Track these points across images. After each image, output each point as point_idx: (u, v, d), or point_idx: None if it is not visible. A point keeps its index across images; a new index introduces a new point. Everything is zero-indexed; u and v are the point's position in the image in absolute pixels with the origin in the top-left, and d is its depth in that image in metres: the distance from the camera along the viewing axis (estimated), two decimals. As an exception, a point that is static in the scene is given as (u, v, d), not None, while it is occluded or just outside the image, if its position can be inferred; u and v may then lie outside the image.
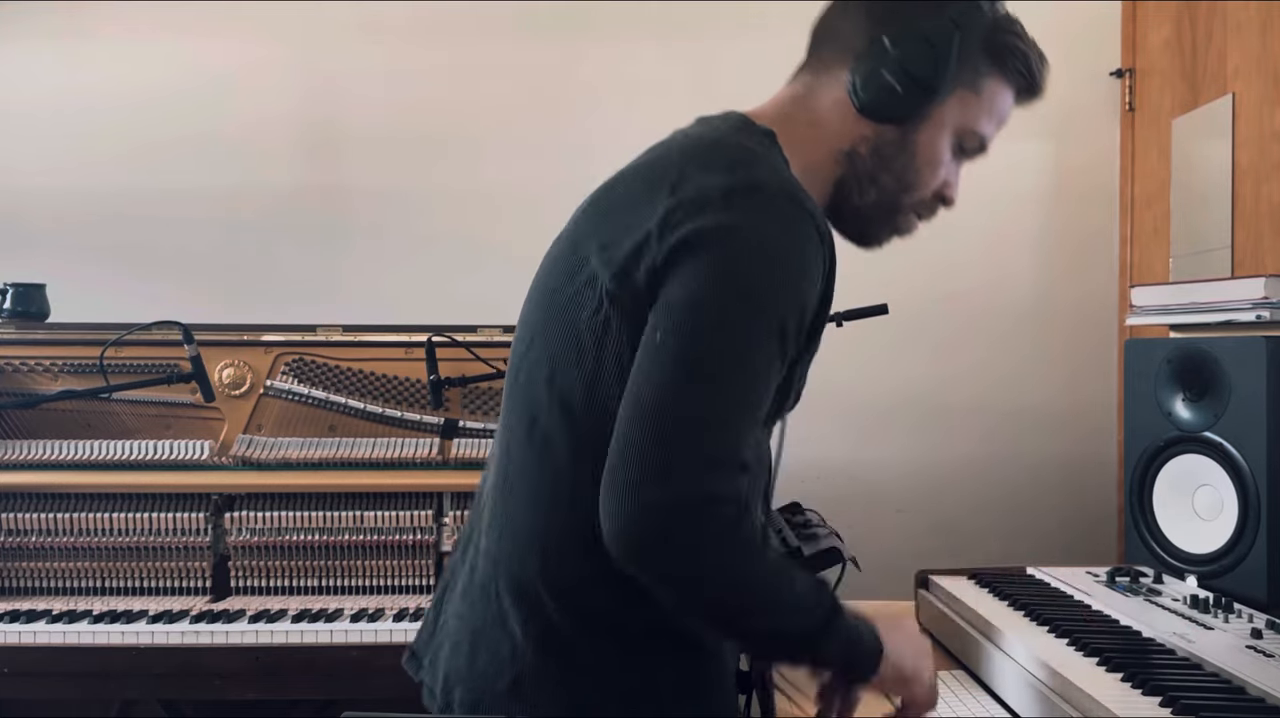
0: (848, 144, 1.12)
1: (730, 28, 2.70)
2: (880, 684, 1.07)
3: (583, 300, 1.03)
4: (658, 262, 0.98)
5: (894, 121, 1.10)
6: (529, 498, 1.06)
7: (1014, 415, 2.76)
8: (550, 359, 1.06)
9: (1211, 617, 1.49)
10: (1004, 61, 1.12)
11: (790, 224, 0.98)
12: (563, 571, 1.03)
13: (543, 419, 1.05)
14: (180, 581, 2.06)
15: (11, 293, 2.26)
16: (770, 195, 0.99)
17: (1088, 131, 2.73)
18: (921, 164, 1.12)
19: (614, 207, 1.07)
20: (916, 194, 1.14)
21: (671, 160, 1.06)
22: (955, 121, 1.12)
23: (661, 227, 0.98)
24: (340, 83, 2.73)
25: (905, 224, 1.17)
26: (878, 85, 1.08)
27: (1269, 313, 1.72)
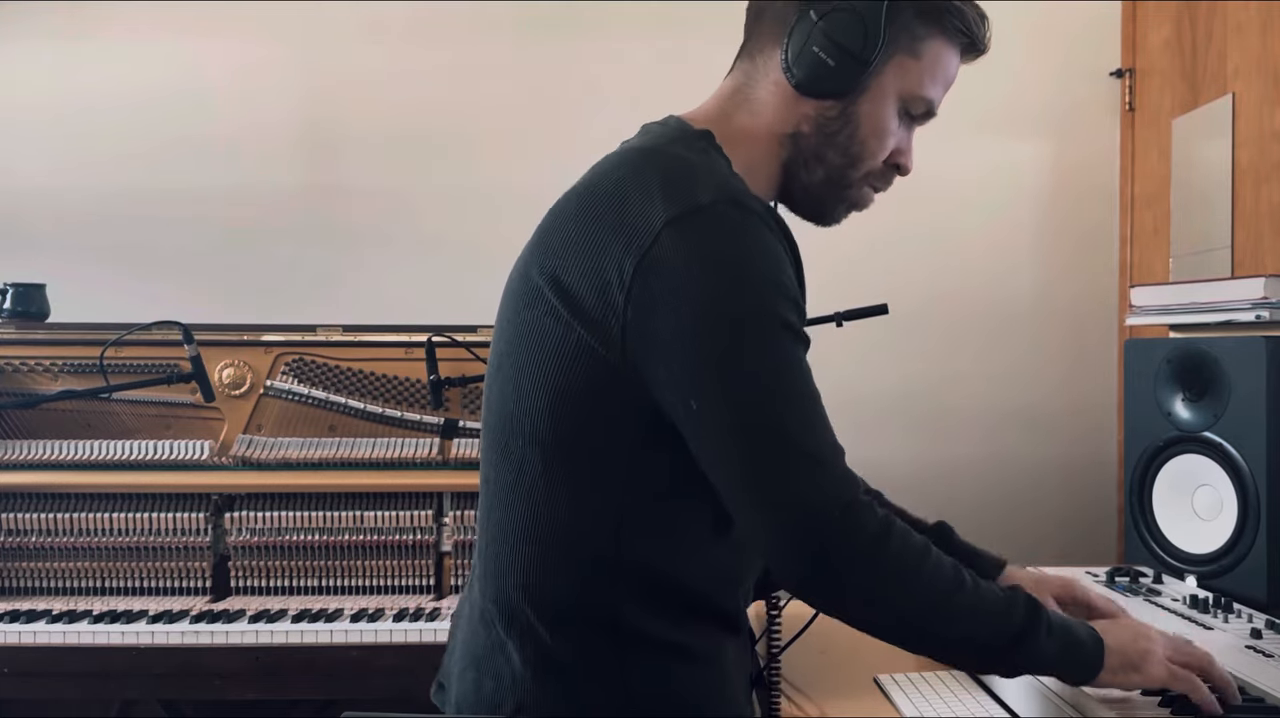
0: (790, 126, 1.11)
1: (731, 28, 2.69)
2: (1112, 679, 1.06)
3: (545, 330, 1.02)
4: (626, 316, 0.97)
5: (832, 96, 1.08)
6: (509, 525, 1.06)
7: (1014, 415, 2.76)
8: (517, 385, 1.05)
9: (1211, 617, 1.50)
10: (940, 21, 1.09)
11: (742, 231, 0.98)
12: (548, 596, 1.03)
13: (515, 446, 1.05)
14: (180, 581, 2.06)
15: (11, 293, 2.26)
16: (709, 212, 0.98)
17: (1088, 131, 2.73)
18: (867, 135, 1.10)
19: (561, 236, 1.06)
20: (866, 166, 1.13)
21: (608, 186, 1.04)
22: (897, 88, 1.10)
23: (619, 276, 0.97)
24: (340, 83, 2.73)
25: (860, 198, 1.16)
26: (809, 61, 1.07)
27: (1269, 313, 1.72)
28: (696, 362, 0.96)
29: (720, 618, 1.08)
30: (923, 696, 1.35)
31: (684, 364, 0.96)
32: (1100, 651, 1.05)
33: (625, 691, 1.03)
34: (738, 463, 0.96)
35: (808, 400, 0.98)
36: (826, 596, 0.99)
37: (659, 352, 0.97)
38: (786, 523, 0.95)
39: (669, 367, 0.97)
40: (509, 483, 1.06)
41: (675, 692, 1.04)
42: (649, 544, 1.03)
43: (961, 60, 1.14)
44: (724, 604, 1.08)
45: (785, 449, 0.95)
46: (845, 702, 1.36)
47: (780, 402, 0.96)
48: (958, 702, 1.33)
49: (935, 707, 1.31)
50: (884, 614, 0.99)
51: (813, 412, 0.98)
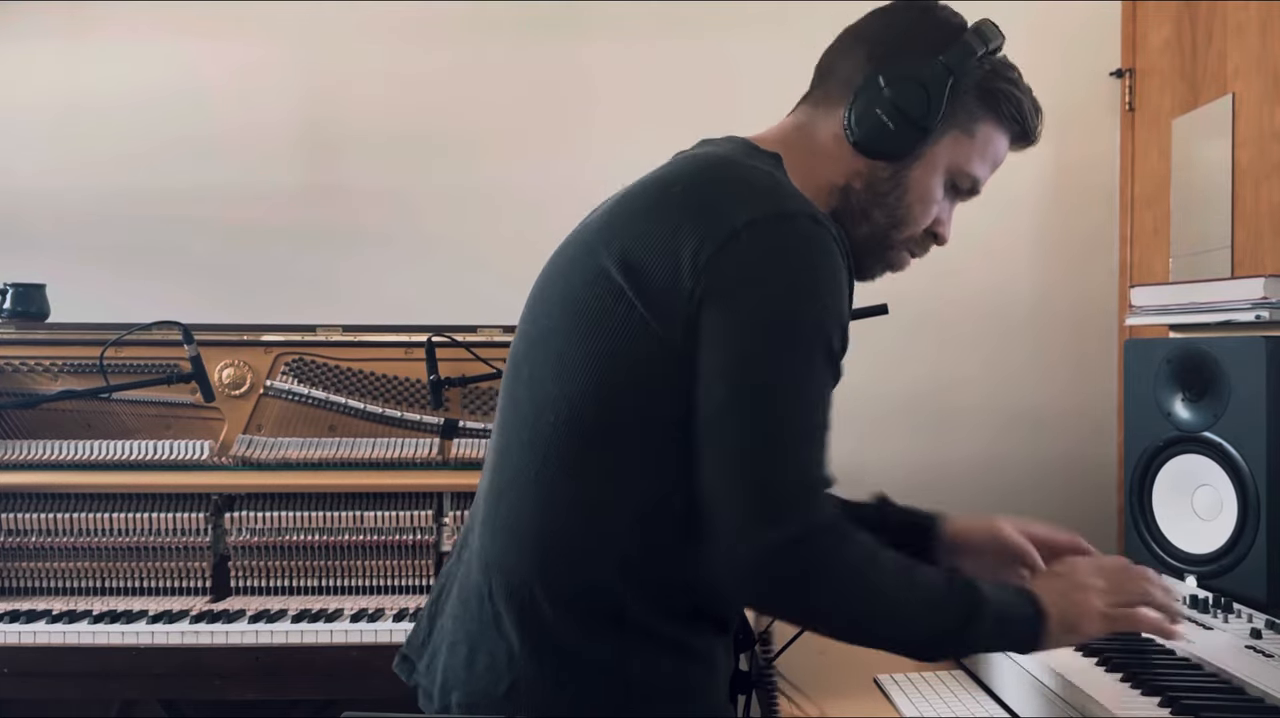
0: (842, 179, 1.15)
1: (731, 27, 2.70)
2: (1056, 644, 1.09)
3: (605, 310, 1.04)
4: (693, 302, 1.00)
5: (887, 158, 1.13)
6: (528, 502, 1.06)
7: (1013, 415, 2.76)
8: (562, 363, 1.06)
9: (1211, 617, 1.50)
10: (997, 107, 1.15)
11: (817, 247, 1.02)
12: (562, 577, 1.04)
13: (548, 422, 1.05)
14: (180, 581, 2.06)
15: (11, 293, 2.26)
16: (794, 222, 1.02)
17: (1088, 131, 2.73)
18: (913, 201, 1.15)
19: (632, 219, 1.08)
20: (908, 230, 1.17)
21: (689, 181, 1.08)
22: (948, 162, 1.15)
23: (694, 261, 1.00)
24: (340, 83, 2.73)
25: (897, 259, 1.21)
26: (871, 122, 1.11)
27: (1269, 313, 1.72)
28: (742, 354, 0.99)
29: (716, 619, 1.10)
30: (922, 696, 1.35)
31: (731, 353, 0.99)
32: (1040, 622, 1.07)
33: (623, 680, 1.04)
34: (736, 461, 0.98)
35: (818, 428, 1.00)
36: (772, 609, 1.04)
37: (712, 338, 0.99)
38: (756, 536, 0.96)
39: (719, 351, 0.99)
40: (535, 463, 1.06)
41: (671, 686, 1.06)
42: (665, 540, 1.04)
43: (1011, 147, 1.19)
44: (721, 606, 1.10)
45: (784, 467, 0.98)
46: (845, 702, 1.36)
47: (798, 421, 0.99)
48: (957, 702, 1.33)
49: (935, 707, 1.31)
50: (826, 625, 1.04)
51: (819, 437, 1.00)
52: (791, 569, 0.97)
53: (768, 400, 0.98)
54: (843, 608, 1.01)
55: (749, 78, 2.58)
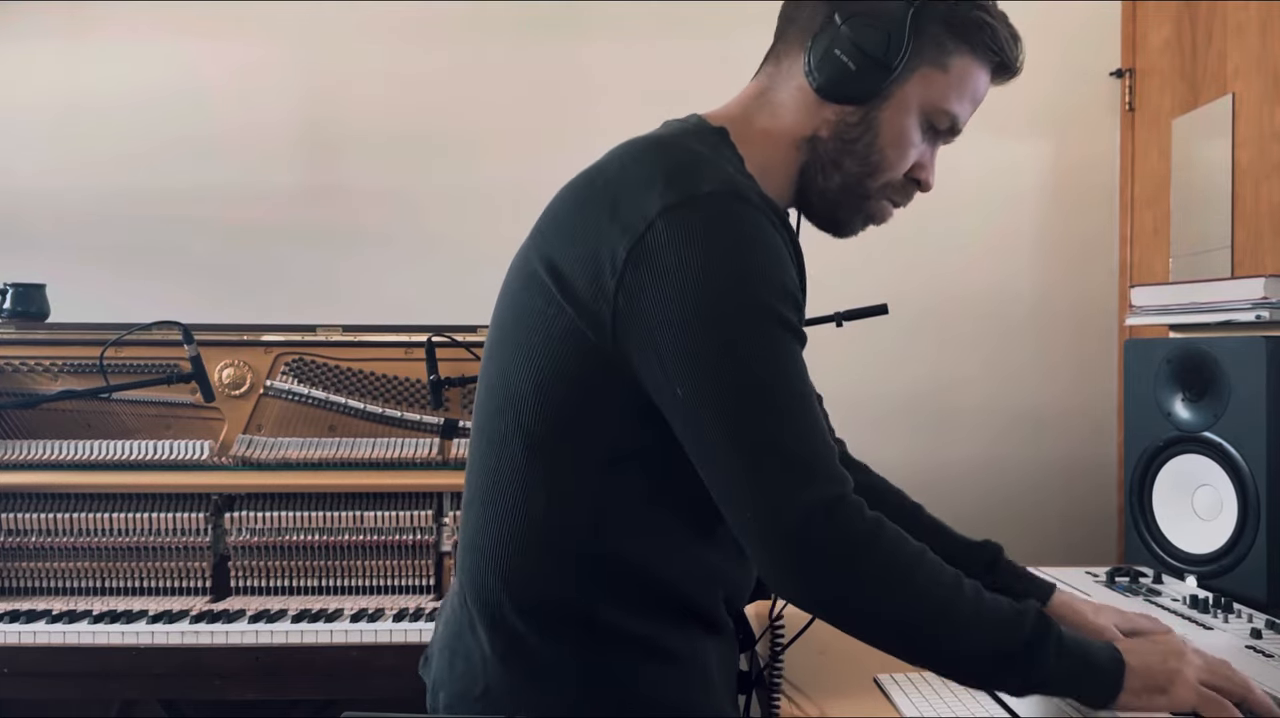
0: (809, 130, 1.10)
1: (733, 26, 2.69)
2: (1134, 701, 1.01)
3: (537, 312, 1.02)
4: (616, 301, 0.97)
5: (853, 101, 1.08)
6: (489, 506, 1.06)
7: (1014, 415, 2.76)
8: (504, 370, 1.06)
9: (1211, 617, 1.50)
10: (970, 37, 1.08)
11: (741, 222, 0.97)
12: (524, 580, 1.03)
13: (501, 432, 1.05)
14: (180, 581, 2.06)
15: (11, 293, 2.26)
16: (707, 202, 0.97)
17: (1088, 131, 2.73)
18: (886, 144, 1.09)
19: (560, 221, 1.06)
20: (884, 176, 1.11)
21: (611, 173, 1.04)
22: (921, 100, 1.09)
23: (612, 260, 0.97)
24: (340, 83, 2.73)
25: (877, 210, 1.14)
26: (832, 65, 1.06)
27: (1269, 313, 1.72)
28: (685, 349, 0.94)
29: (699, 618, 1.07)
30: (923, 696, 1.35)
31: (673, 351, 0.95)
32: (1120, 671, 1.01)
33: (597, 685, 1.02)
34: (722, 459, 0.95)
35: (797, 398, 0.95)
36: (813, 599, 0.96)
37: (649, 338, 0.96)
38: (769, 524, 0.92)
39: (658, 353, 0.95)
40: (493, 469, 1.05)
41: (649, 690, 1.03)
42: (629, 540, 1.02)
43: (992, 81, 1.14)
44: (703, 604, 1.07)
45: (771, 447, 0.93)
46: (845, 702, 1.36)
47: (768, 397, 0.94)
48: (958, 702, 1.33)
49: (935, 707, 1.31)
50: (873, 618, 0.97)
51: (802, 409, 0.95)
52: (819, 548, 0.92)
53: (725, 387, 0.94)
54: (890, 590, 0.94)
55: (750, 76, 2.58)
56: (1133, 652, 1.03)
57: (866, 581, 0.95)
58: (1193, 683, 1.03)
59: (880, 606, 0.96)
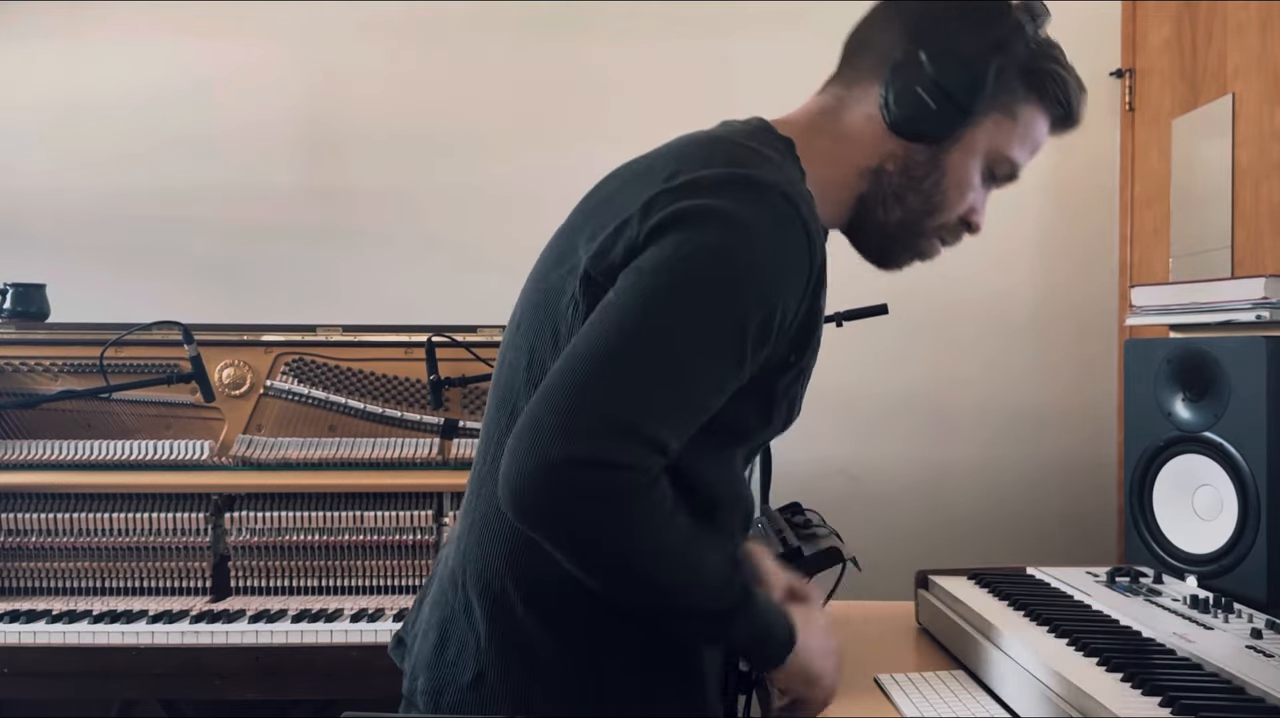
0: (875, 160, 1.09)
1: (735, 26, 2.70)
2: (783, 678, 1.04)
3: (564, 287, 1.01)
4: (637, 240, 0.95)
5: (925, 140, 1.07)
6: None
7: (1014, 415, 2.76)
8: (530, 346, 1.04)
9: (1211, 617, 1.49)
10: (1043, 88, 1.10)
11: (778, 222, 0.95)
12: (532, 567, 1.00)
13: (520, 407, 1.02)
14: (180, 581, 2.06)
15: (11, 293, 2.26)
16: (764, 190, 0.95)
17: (1088, 131, 2.69)
18: (950, 186, 1.10)
19: (608, 196, 1.05)
20: (943, 217, 1.12)
21: (672, 154, 1.03)
22: (988, 146, 1.10)
23: (645, 208, 0.96)
24: (340, 83, 2.74)
25: (928, 247, 1.15)
26: (911, 101, 1.05)
27: (1269, 313, 1.72)
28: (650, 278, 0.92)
29: None
30: (923, 696, 1.35)
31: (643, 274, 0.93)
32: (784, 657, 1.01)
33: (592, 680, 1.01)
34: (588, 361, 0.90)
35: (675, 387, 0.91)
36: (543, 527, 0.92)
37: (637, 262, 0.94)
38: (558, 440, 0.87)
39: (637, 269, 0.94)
40: None
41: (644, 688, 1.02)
42: None
43: (1051, 131, 1.14)
44: None
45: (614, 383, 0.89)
46: (845, 702, 1.36)
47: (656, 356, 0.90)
48: (958, 702, 1.33)
49: (935, 707, 1.31)
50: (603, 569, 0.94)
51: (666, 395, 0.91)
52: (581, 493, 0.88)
53: (645, 327, 0.90)
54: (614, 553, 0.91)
55: (755, 77, 2.58)
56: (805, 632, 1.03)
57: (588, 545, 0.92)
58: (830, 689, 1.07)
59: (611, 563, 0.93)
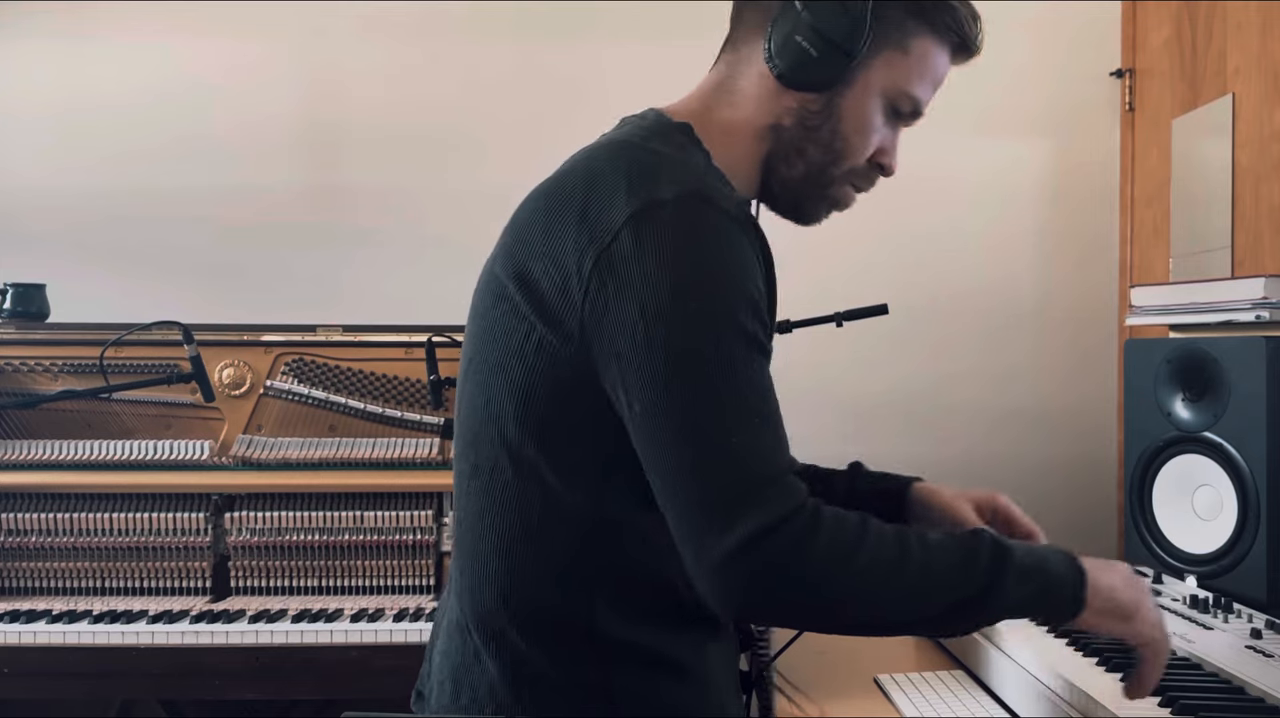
0: (771, 118, 1.08)
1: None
2: (1095, 620, 0.98)
3: (509, 327, 1.01)
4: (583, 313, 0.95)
5: (815, 88, 1.05)
6: (483, 532, 1.03)
7: (1014, 415, 2.76)
8: (486, 389, 1.04)
9: (1211, 617, 1.50)
10: (930, 18, 1.06)
11: (706, 229, 0.94)
12: (524, 604, 1.01)
13: (485, 451, 1.03)
14: (180, 581, 2.06)
15: (11, 293, 2.26)
16: (672, 207, 0.94)
17: (1088, 131, 2.73)
18: (849, 131, 1.07)
19: (528, 231, 1.03)
20: (848, 163, 1.09)
21: (577, 180, 1.02)
22: (884, 84, 1.07)
23: (579, 271, 0.95)
24: (340, 83, 2.73)
25: (841, 196, 1.12)
26: (793, 51, 1.03)
27: (1269, 313, 1.72)
28: (642, 363, 0.91)
29: (700, 621, 1.05)
30: (923, 696, 1.35)
31: (630, 364, 0.92)
32: (1082, 588, 0.98)
33: (606, 698, 1.01)
34: (670, 475, 0.92)
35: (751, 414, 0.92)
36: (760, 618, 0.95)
37: (611, 350, 0.93)
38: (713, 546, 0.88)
39: (619, 366, 0.93)
40: (481, 490, 1.04)
41: (658, 700, 1.02)
42: (627, 547, 1.01)
43: (952, 61, 1.11)
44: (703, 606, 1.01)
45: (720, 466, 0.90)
46: (845, 702, 1.36)
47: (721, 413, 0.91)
48: (958, 702, 1.33)
49: (935, 707, 1.31)
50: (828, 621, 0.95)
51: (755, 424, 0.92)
52: (760, 570, 0.88)
53: (683, 403, 0.90)
54: (835, 595, 0.91)
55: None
56: (1096, 569, 0.99)
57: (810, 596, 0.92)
58: (1154, 619, 1.01)
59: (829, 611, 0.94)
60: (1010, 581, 0.94)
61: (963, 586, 0.94)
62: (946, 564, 0.94)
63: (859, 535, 0.93)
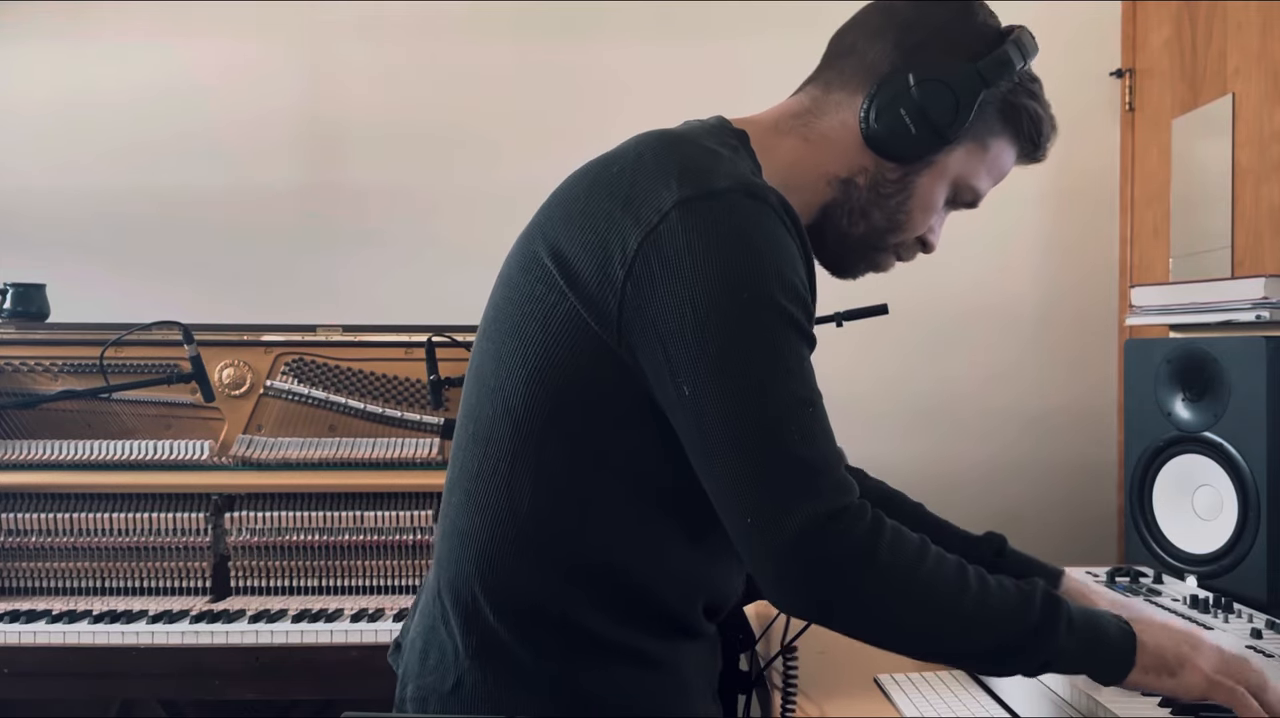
0: (846, 171, 1.10)
1: (739, 27, 2.70)
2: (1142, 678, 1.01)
3: (536, 298, 1.01)
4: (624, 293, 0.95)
5: (900, 160, 1.09)
6: (469, 500, 1.04)
7: (1013, 415, 2.76)
8: (498, 355, 1.04)
9: (1211, 617, 1.49)
10: (1018, 124, 1.12)
11: (750, 220, 0.96)
12: (499, 577, 1.01)
13: (486, 417, 1.03)
14: (180, 581, 2.06)
15: (11, 293, 2.26)
16: (723, 198, 0.96)
17: (1088, 131, 2.73)
18: (915, 207, 1.11)
19: (568, 206, 1.04)
20: (902, 235, 1.14)
21: (626, 162, 1.03)
22: (957, 172, 1.11)
23: (622, 251, 0.96)
24: (340, 82, 2.73)
25: (884, 262, 1.17)
26: (892, 120, 1.06)
27: (1269, 313, 1.72)
28: (693, 346, 0.92)
29: (677, 625, 1.05)
30: (923, 696, 1.35)
31: (680, 348, 0.93)
32: (1131, 648, 1.01)
33: (569, 689, 1.01)
34: (723, 461, 0.92)
35: (803, 402, 0.94)
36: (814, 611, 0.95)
37: (655, 332, 0.94)
38: (770, 533, 0.90)
39: (665, 349, 0.93)
40: (479, 456, 1.03)
41: (624, 695, 1.02)
42: (613, 541, 1.00)
43: (1016, 162, 1.16)
44: (681, 611, 1.05)
45: (774, 453, 0.91)
46: (845, 702, 1.36)
47: (774, 399, 0.92)
48: (958, 702, 1.33)
49: (935, 707, 1.31)
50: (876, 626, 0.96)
51: (808, 413, 0.94)
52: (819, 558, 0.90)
53: (736, 388, 0.92)
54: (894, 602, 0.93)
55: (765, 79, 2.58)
56: (1146, 630, 1.02)
57: (868, 593, 0.93)
58: (1205, 670, 1.02)
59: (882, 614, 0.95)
60: (1061, 629, 0.97)
61: (1015, 624, 0.96)
62: (1002, 601, 0.96)
63: (922, 551, 0.95)
